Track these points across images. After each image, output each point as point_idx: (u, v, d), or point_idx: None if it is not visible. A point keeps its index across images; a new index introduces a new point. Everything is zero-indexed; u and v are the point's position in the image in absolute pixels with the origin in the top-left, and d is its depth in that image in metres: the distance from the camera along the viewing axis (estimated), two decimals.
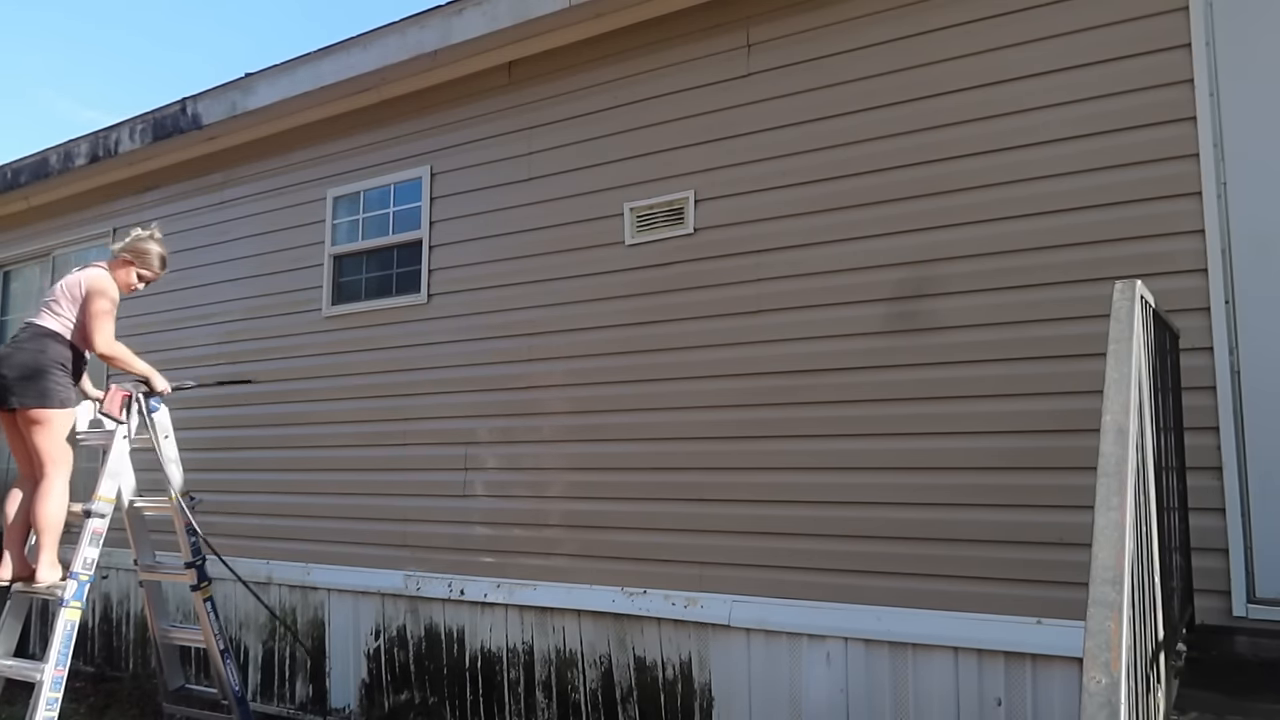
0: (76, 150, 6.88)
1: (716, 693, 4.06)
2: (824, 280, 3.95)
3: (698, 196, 4.32)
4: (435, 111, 5.32)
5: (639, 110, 4.56)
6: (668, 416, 4.32)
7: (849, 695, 3.73)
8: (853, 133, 3.94)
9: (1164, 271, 3.23)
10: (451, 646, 4.91)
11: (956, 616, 3.52)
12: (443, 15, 4.95)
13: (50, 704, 3.83)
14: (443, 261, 5.19)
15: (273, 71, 5.69)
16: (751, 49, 4.25)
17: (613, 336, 4.51)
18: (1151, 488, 2.11)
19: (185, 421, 5.29)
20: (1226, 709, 2.23)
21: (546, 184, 4.84)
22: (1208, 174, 3.24)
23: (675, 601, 4.16)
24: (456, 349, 5.07)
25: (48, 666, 3.85)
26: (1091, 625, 1.55)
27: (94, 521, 4.08)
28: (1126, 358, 1.95)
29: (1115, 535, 1.66)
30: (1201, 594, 3.09)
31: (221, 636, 4.45)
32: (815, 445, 3.92)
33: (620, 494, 4.42)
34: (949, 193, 3.70)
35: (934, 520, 3.61)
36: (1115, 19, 3.43)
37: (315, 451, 5.60)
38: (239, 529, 5.82)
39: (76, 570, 3.98)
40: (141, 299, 6.71)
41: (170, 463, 4.46)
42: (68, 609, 3.93)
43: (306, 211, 5.84)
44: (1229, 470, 3.14)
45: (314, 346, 5.68)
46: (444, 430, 5.05)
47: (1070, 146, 3.48)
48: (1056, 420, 3.40)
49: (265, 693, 5.68)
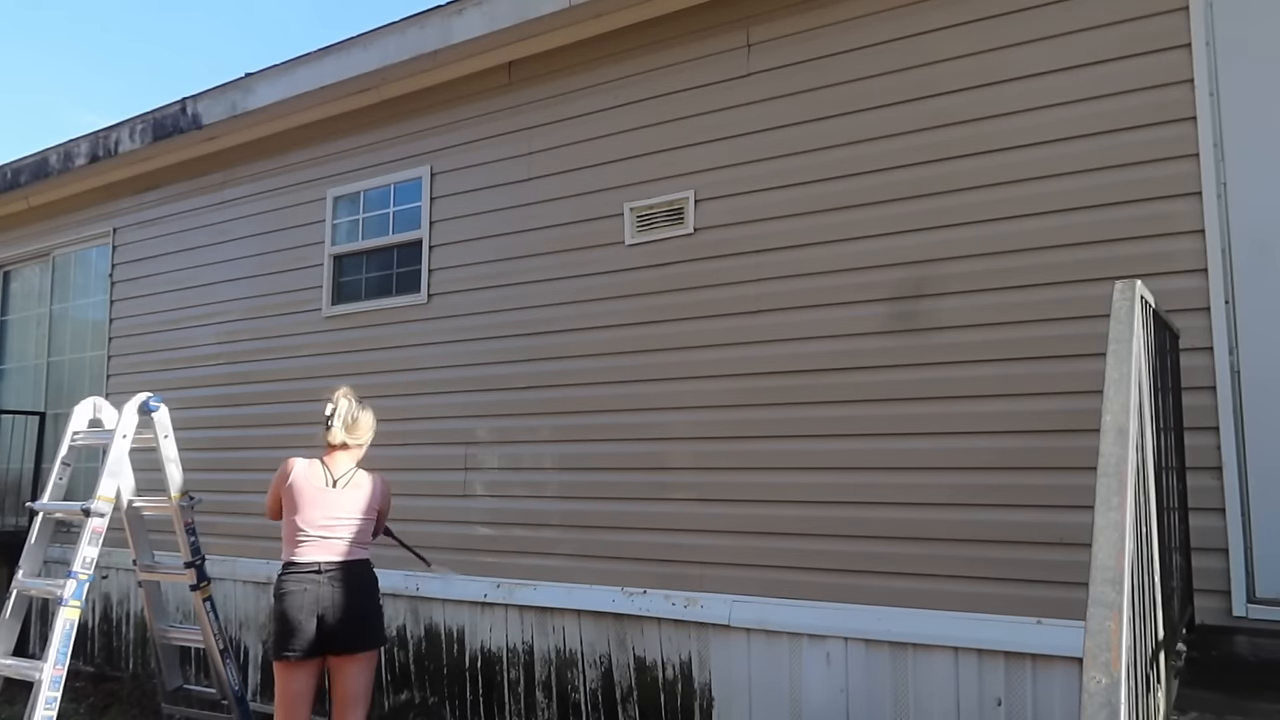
0: (76, 150, 6.88)
1: (716, 693, 4.06)
2: (824, 280, 3.95)
3: (698, 196, 4.32)
4: (435, 111, 5.32)
5: (639, 110, 4.56)
6: (668, 416, 4.32)
7: (849, 695, 3.73)
8: (853, 133, 3.94)
9: (1164, 271, 3.23)
10: (451, 646, 4.91)
11: (957, 616, 3.52)
12: (443, 15, 4.95)
13: (49, 703, 3.83)
14: (443, 261, 5.19)
15: (273, 71, 5.69)
16: (751, 49, 4.25)
17: (613, 336, 4.51)
18: (1151, 488, 2.11)
19: (185, 421, 5.29)
20: (1226, 709, 2.23)
21: (546, 184, 4.84)
22: (1208, 174, 3.23)
23: (675, 601, 4.16)
24: (456, 349, 5.07)
25: (47, 666, 3.85)
26: (1091, 625, 1.55)
27: (93, 521, 4.08)
28: (1126, 358, 1.95)
29: (1115, 535, 1.66)
30: (1201, 594, 3.08)
31: (221, 636, 4.46)
32: (815, 445, 3.91)
33: (620, 494, 4.42)
34: (949, 193, 3.70)
35: (934, 520, 3.61)
36: (1115, 19, 3.43)
37: (315, 452, 5.58)
38: (239, 529, 5.82)
39: (75, 569, 3.98)
40: (141, 299, 6.73)
41: (170, 462, 4.46)
42: (67, 608, 3.93)
43: (306, 211, 5.84)
44: (1229, 470, 3.14)
45: (314, 346, 5.68)
46: (444, 430, 5.05)
47: (1070, 146, 3.48)
48: (1056, 420, 3.40)
49: (265, 692, 5.67)
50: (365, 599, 3.65)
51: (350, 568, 3.64)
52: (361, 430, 3.81)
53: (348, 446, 3.79)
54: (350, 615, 3.57)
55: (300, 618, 3.52)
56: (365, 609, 3.65)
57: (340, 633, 3.55)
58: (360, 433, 3.81)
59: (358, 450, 3.84)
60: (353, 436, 3.79)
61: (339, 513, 3.68)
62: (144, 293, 6.73)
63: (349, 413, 3.77)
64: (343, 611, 3.56)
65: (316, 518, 3.64)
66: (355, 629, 3.60)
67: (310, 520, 3.63)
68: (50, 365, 7.66)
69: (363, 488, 3.77)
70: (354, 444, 3.81)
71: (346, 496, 3.71)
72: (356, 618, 3.59)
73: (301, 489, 3.68)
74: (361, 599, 3.63)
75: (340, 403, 3.80)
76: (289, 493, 3.68)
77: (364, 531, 3.75)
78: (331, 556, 3.62)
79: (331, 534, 3.65)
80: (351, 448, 3.81)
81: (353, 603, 3.59)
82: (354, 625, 3.59)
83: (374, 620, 3.73)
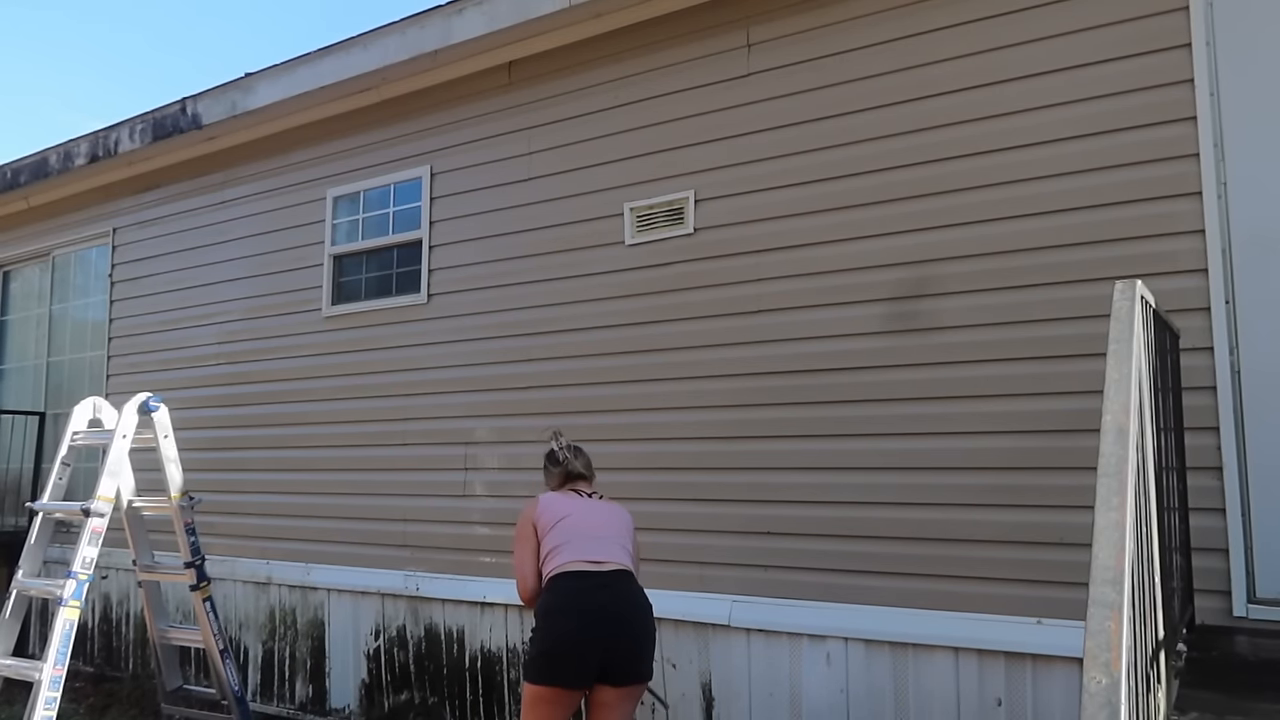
0: (76, 150, 6.88)
1: (716, 693, 4.06)
2: (824, 280, 3.95)
3: (698, 196, 4.32)
4: (435, 111, 5.32)
5: (639, 110, 4.56)
6: (668, 416, 4.32)
7: (849, 695, 3.73)
8: (853, 133, 3.94)
9: (1164, 271, 3.23)
10: (451, 646, 4.91)
11: (957, 616, 3.51)
12: (443, 15, 4.95)
13: (49, 703, 3.83)
14: (443, 261, 5.19)
15: (273, 71, 5.69)
16: (751, 49, 4.25)
17: (612, 336, 4.51)
18: (1151, 488, 2.11)
19: (185, 421, 5.29)
20: (1227, 709, 2.23)
21: (546, 184, 4.84)
22: (1208, 174, 3.23)
23: (675, 601, 4.16)
24: (456, 349, 5.07)
25: (46, 666, 3.85)
26: (1091, 625, 1.54)
27: (93, 521, 4.08)
28: (1127, 358, 1.94)
29: (1115, 535, 1.66)
30: (1202, 594, 3.08)
31: (221, 636, 4.45)
32: (815, 445, 3.91)
33: (620, 494, 4.40)
34: (949, 193, 3.70)
35: (934, 520, 3.61)
36: (1115, 19, 3.43)
37: (315, 451, 5.59)
38: (239, 529, 5.82)
39: (75, 570, 3.98)
40: (141, 299, 6.73)
41: (170, 462, 4.46)
42: (66, 608, 3.92)
43: (306, 211, 5.84)
44: (1229, 470, 3.14)
45: (314, 346, 5.68)
46: (444, 430, 5.05)
47: (1070, 146, 3.48)
48: (1056, 420, 3.40)
49: (265, 693, 5.67)
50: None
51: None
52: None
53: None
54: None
55: None
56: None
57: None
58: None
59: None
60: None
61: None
62: (144, 293, 6.73)
63: None
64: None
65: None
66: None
67: None
68: (50, 365, 7.65)
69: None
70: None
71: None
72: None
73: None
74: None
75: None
76: None
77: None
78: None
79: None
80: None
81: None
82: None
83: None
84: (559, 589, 3.11)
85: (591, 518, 3.29)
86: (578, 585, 3.09)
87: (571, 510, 3.30)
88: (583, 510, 3.31)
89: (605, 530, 3.26)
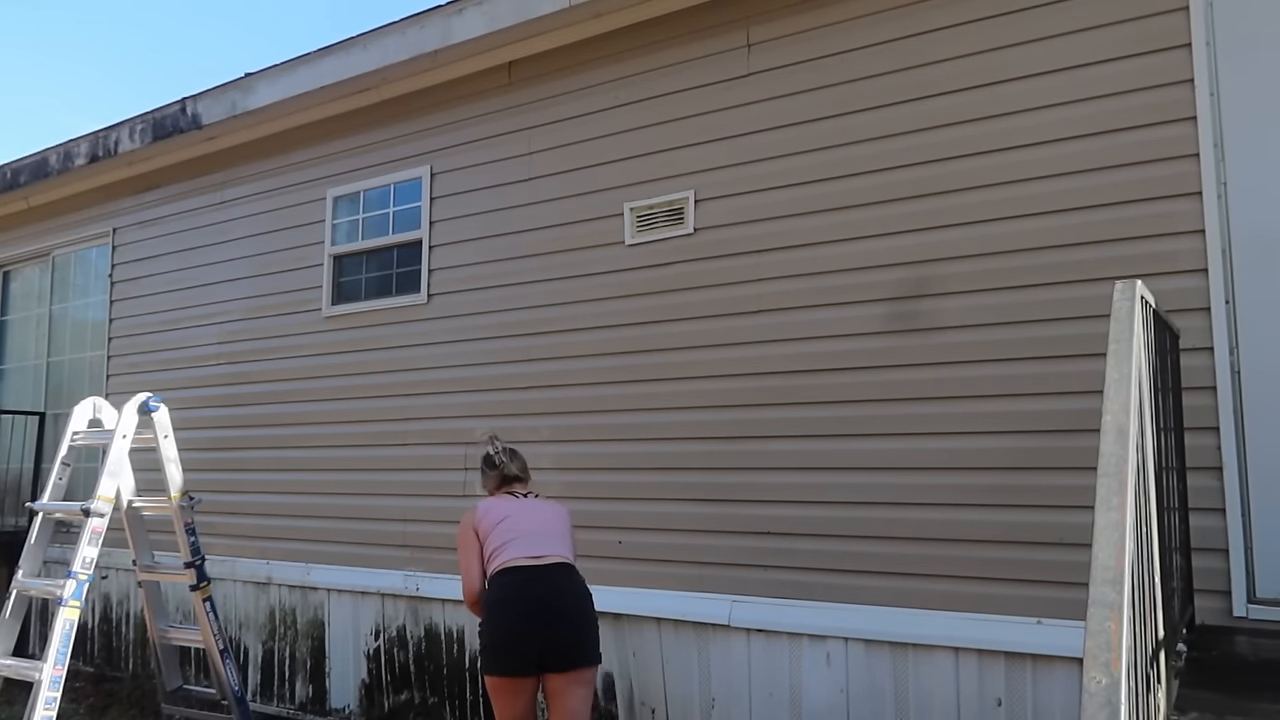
0: (76, 150, 6.88)
1: (716, 693, 4.06)
2: (824, 280, 3.95)
3: (698, 196, 4.32)
4: (435, 111, 5.32)
5: (639, 110, 4.56)
6: (668, 416, 4.32)
7: (849, 696, 3.73)
8: (853, 133, 3.94)
9: (1164, 271, 3.23)
10: (451, 646, 4.91)
11: (957, 617, 3.51)
12: (443, 15, 4.95)
13: (49, 703, 3.83)
14: (443, 261, 5.19)
15: (273, 71, 5.69)
16: (751, 49, 4.25)
17: (612, 336, 4.51)
18: (1151, 488, 2.11)
19: (185, 421, 5.29)
20: (1227, 709, 2.23)
21: (546, 184, 4.84)
22: (1208, 174, 3.23)
23: (674, 601, 4.16)
24: (456, 349, 5.07)
25: (46, 666, 3.85)
26: (1091, 625, 1.54)
27: (93, 521, 4.08)
28: (1127, 358, 1.95)
29: (1115, 535, 1.66)
30: (1201, 594, 3.09)
31: (221, 636, 4.45)
32: (815, 445, 3.91)
33: (620, 494, 4.42)
34: (949, 193, 3.70)
35: (934, 520, 3.61)
36: (1115, 19, 3.43)
37: (315, 451, 5.60)
38: (239, 529, 5.82)
39: (75, 570, 3.98)
40: (141, 299, 6.73)
41: (170, 462, 4.46)
42: (66, 608, 3.92)
43: (306, 211, 5.84)
44: (1229, 470, 3.14)
45: (314, 346, 5.68)
46: (444, 430, 5.05)
47: (1070, 146, 3.48)
48: (1056, 420, 3.40)
49: (265, 693, 5.67)
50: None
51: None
52: None
53: None
54: None
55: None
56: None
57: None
58: None
59: None
60: None
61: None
62: (144, 293, 6.73)
63: None
64: None
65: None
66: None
67: None
68: (50, 365, 7.66)
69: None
70: None
71: None
72: None
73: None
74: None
75: None
76: None
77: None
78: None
79: None
80: None
81: None
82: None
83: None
84: (500, 584, 3.36)
85: (530, 516, 3.52)
86: (517, 579, 3.33)
87: (510, 512, 3.52)
88: (521, 510, 3.54)
89: (544, 527, 3.49)
